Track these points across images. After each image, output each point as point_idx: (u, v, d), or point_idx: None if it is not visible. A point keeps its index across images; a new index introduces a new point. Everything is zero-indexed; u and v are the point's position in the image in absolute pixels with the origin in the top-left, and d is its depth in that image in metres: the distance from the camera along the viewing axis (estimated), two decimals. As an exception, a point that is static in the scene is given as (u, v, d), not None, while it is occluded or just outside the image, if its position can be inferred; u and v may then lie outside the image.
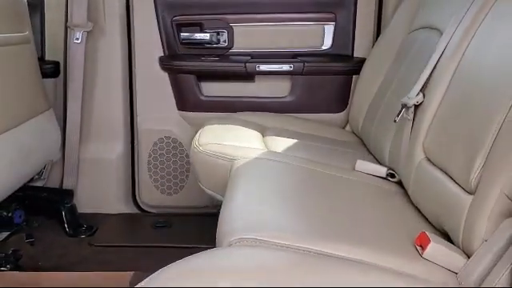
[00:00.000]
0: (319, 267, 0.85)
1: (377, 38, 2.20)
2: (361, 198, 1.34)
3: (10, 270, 1.65)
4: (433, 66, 1.39)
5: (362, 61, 2.19)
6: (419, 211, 1.28)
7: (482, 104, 1.09)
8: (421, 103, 1.38)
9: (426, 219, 1.22)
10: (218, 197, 1.58)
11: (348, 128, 2.25)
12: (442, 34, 1.48)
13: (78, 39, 2.07)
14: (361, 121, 2.03)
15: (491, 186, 0.95)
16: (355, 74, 2.22)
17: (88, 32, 2.11)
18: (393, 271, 0.91)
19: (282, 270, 0.83)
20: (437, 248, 0.99)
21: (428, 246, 0.98)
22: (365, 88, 2.08)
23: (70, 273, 1.67)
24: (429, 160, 1.28)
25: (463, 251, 1.01)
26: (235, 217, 1.07)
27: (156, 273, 0.81)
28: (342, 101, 2.26)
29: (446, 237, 1.11)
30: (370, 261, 0.93)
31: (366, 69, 2.14)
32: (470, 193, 1.04)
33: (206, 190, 1.67)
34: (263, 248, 0.93)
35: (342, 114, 2.27)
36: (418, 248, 1.02)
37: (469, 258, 0.97)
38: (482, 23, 1.27)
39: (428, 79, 1.39)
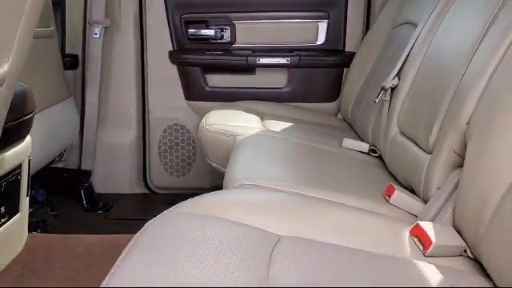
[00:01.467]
0: (304, 204, 1.08)
1: (365, 34, 2.43)
2: (345, 165, 1.57)
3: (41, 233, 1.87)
4: (407, 54, 1.62)
5: (352, 55, 2.42)
6: (394, 177, 1.51)
7: (440, 82, 1.31)
8: (396, 86, 1.61)
9: (398, 181, 1.45)
10: (223, 169, 1.80)
11: (339, 116, 2.47)
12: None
13: (96, 34, 2.31)
14: (350, 108, 2.25)
15: (443, 145, 1.18)
16: (346, 66, 2.44)
17: (105, 28, 2.34)
18: (364, 210, 1.13)
19: (275, 206, 1.05)
20: (401, 195, 1.22)
21: (393, 194, 1.21)
22: (354, 79, 2.31)
23: (93, 235, 1.89)
24: (401, 133, 1.51)
25: (423, 200, 1.24)
26: (237, 171, 1.30)
27: (168, 209, 1.02)
28: (334, 91, 2.49)
29: (413, 192, 1.33)
30: (347, 203, 1.16)
31: (356, 62, 2.37)
32: (428, 153, 1.26)
33: (212, 163, 1.90)
34: (260, 190, 1.15)
35: (333, 103, 2.50)
36: (386, 197, 1.24)
37: (426, 204, 1.20)
38: (446, 15, 1.49)
39: (402, 65, 1.62)
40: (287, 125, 2.02)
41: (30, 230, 1.82)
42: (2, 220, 1.41)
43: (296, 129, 1.96)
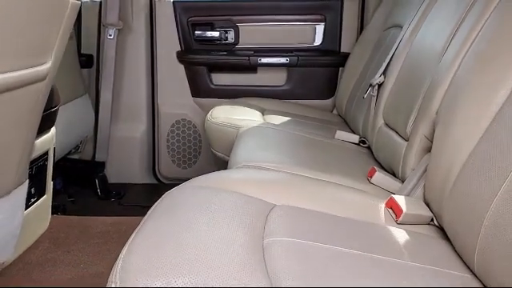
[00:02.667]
0: (297, 181, 1.27)
1: (359, 36, 2.62)
2: (335, 153, 1.75)
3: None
4: (392, 54, 1.81)
5: (347, 55, 2.60)
6: (379, 163, 1.69)
7: (417, 78, 1.50)
8: (382, 83, 1.80)
9: (382, 167, 1.63)
10: (227, 158, 1.98)
11: (335, 112, 2.66)
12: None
13: (110, 36, 2.50)
14: (344, 104, 2.44)
15: (417, 132, 1.37)
16: (341, 66, 2.63)
17: (119, 30, 2.54)
18: (348, 187, 1.31)
19: (272, 182, 1.24)
20: (380, 176, 1.40)
21: (374, 175, 1.40)
22: (348, 78, 2.49)
23: (109, 217, 2.07)
24: (386, 124, 1.70)
25: (401, 180, 1.43)
26: (240, 155, 1.48)
27: (182, 184, 1.20)
28: (330, 89, 2.68)
29: (394, 175, 1.52)
30: (335, 182, 1.34)
31: (350, 62, 2.55)
32: (406, 140, 1.45)
33: (216, 153, 2.09)
34: (260, 170, 1.34)
35: (329, 100, 2.68)
36: (369, 178, 1.43)
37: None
38: (426, 19, 1.68)
39: (388, 64, 1.81)
40: (286, 119, 2.20)
41: (52, 212, 2.01)
42: (32, 200, 1.60)
43: (293, 122, 2.15)
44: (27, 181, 1.31)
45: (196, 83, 2.70)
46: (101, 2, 2.57)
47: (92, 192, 2.53)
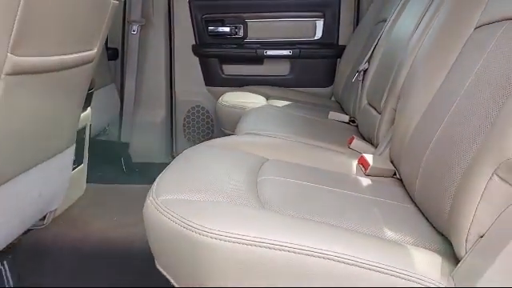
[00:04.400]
0: (289, 144, 1.58)
1: (354, 30, 2.92)
2: (325, 127, 2.07)
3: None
4: (375, 44, 2.12)
5: (344, 47, 2.91)
6: (362, 136, 2.00)
7: (391, 63, 1.80)
8: (367, 69, 2.11)
9: (364, 139, 1.94)
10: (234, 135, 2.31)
11: (333, 98, 2.97)
12: (385, 23, 2.20)
13: (134, 31, 2.84)
14: (340, 91, 2.75)
15: (387, 106, 1.67)
16: (339, 57, 2.94)
17: (141, 26, 2.87)
18: (331, 150, 1.63)
19: (267, 144, 1.55)
20: (358, 143, 1.72)
21: (353, 141, 1.71)
22: (344, 67, 2.80)
23: (137, 185, 2.40)
24: (368, 103, 2.01)
25: (375, 147, 1.74)
26: (244, 126, 1.81)
27: (195, 145, 1.52)
28: (328, 78, 2.99)
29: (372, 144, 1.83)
30: (321, 146, 1.66)
31: (346, 53, 2.86)
32: (380, 113, 1.76)
33: (225, 131, 2.41)
34: (259, 136, 1.66)
35: (328, 88, 3.00)
36: (349, 144, 1.74)
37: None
38: (403, 13, 1.98)
39: (372, 53, 2.12)
40: (287, 103, 2.52)
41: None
42: (74, 165, 1.94)
43: (293, 106, 2.46)
44: (74, 145, 1.65)
45: (209, 73, 3.02)
46: (125, 1, 2.91)
47: (118, 169, 2.86)
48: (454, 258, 0.95)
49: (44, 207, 1.55)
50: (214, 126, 3.06)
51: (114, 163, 2.89)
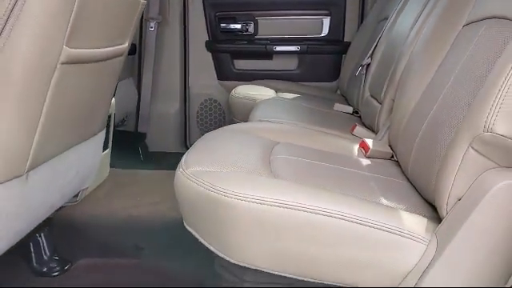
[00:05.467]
0: (297, 130, 1.75)
1: (359, 28, 3.09)
2: (330, 116, 2.24)
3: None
4: (377, 40, 2.29)
5: (349, 44, 3.08)
6: (364, 125, 2.18)
7: (391, 57, 1.98)
8: (369, 64, 2.28)
9: (366, 128, 2.12)
10: (246, 125, 2.49)
11: (338, 92, 3.14)
12: (387, 21, 2.37)
13: (152, 28, 3.02)
14: (345, 85, 2.92)
15: (387, 96, 1.85)
16: (344, 53, 3.11)
17: (158, 23, 3.05)
18: (336, 135, 1.80)
19: (279, 130, 1.73)
20: (360, 129, 1.89)
21: (355, 129, 1.89)
22: (349, 62, 2.97)
23: (155, 170, 2.60)
24: (371, 95, 2.18)
25: (375, 133, 1.91)
26: (256, 114, 1.99)
27: (213, 130, 1.70)
28: (334, 72, 3.16)
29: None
30: (327, 132, 1.83)
31: (351, 49, 3.03)
32: (381, 103, 1.93)
33: (237, 121, 2.59)
34: (270, 123, 1.84)
35: (334, 82, 3.17)
36: (352, 132, 1.92)
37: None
38: (403, 11, 2.14)
39: (374, 49, 2.29)
40: (295, 95, 2.70)
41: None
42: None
43: (301, 98, 2.64)
44: (105, 129, 1.83)
45: (221, 68, 3.20)
46: (143, 0, 3.09)
47: (136, 157, 3.05)
48: (438, 221, 1.12)
49: (78, 185, 1.74)
50: (225, 117, 3.24)
51: (132, 152, 3.07)
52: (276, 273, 1.08)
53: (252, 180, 1.14)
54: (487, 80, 1.06)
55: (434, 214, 1.18)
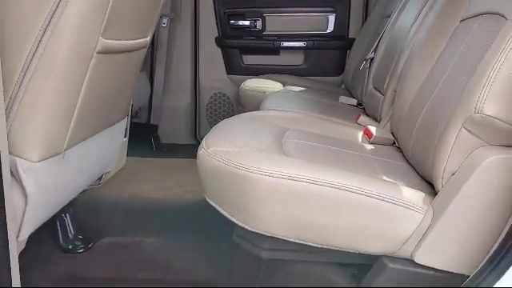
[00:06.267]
0: (306, 118, 1.89)
1: (363, 25, 3.22)
2: (336, 107, 2.37)
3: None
4: (380, 36, 2.42)
5: (353, 40, 3.21)
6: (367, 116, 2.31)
7: (393, 51, 2.11)
8: (373, 58, 2.41)
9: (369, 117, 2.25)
10: (256, 116, 2.62)
11: (343, 86, 3.27)
12: (390, 18, 2.50)
13: (164, 24, 3.14)
14: (349, 79, 3.05)
15: (389, 87, 1.98)
16: (348, 49, 3.24)
17: (170, 19, 3.18)
18: (341, 123, 1.94)
19: (288, 118, 1.86)
20: (364, 119, 2.02)
21: (360, 118, 2.02)
22: (353, 58, 3.09)
23: (167, 159, 2.73)
24: (374, 87, 2.31)
25: (379, 122, 2.04)
26: (266, 104, 2.12)
27: (228, 118, 1.83)
28: (339, 67, 3.29)
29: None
30: (333, 120, 1.96)
31: (355, 45, 3.16)
32: (383, 95, 2.06)
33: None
34: (280, 111, 1.97)
35: (339, 77, 3.30)
36: (356, 121, 2.05)
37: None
38: (405, 8, 2.27)
39: (377, 44, 2.42)
40: (301, 89, 2.83)
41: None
42: (120, 137, 2.26)
43: (308, 91, 2.77)
44: (127, 117, 1.97)
45: (230, 63, 3.33)
46: (156, -3, 3.22)
47: (148, 146, 3.18)
48: (434, 195, 1.26)
49: (103, 168, 1.87)
50: (233, 110, 3.37)
51: (144, 143, 3.20)
52: (291, 240, 1.21)
53: (269, 158, 1.28)
54: (478, 68, 1.19)
55: (431, 189, 1.31)
